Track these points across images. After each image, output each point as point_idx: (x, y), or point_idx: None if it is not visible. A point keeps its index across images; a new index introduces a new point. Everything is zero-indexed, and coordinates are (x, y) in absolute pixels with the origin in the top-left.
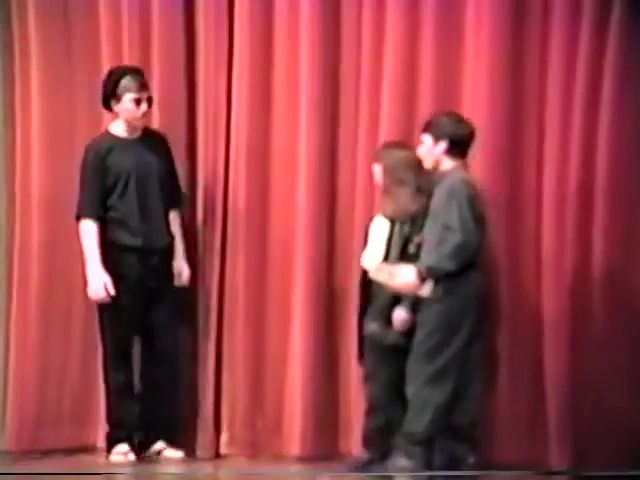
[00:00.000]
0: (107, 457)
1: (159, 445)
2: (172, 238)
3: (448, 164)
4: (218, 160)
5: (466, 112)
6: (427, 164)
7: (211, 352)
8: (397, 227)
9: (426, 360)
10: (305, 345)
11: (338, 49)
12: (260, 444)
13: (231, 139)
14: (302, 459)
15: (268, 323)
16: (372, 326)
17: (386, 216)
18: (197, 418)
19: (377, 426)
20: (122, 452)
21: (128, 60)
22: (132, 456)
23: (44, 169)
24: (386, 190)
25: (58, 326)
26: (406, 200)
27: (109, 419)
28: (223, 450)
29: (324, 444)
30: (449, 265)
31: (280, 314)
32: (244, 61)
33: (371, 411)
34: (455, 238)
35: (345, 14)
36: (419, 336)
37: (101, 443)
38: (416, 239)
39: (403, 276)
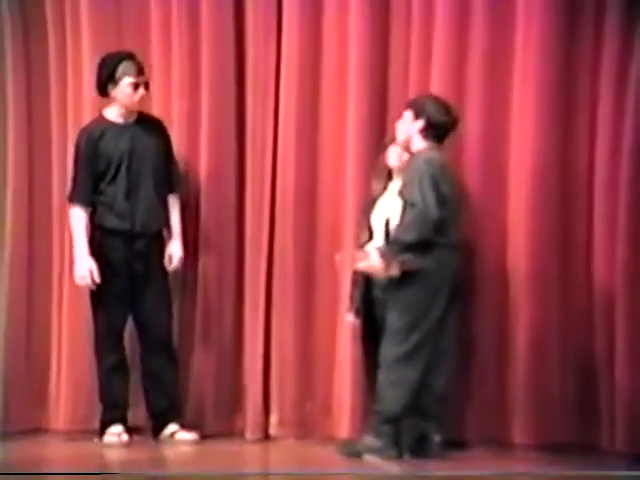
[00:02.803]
0: (100, 439)
1: (171, 428)
2: (165, 224)
3: (420, 144)
4: (266, 140)
5: (514, 116)
6: (399, 138)
7: (260, 334)
8: None
9: (398, 340)
10: (355, 326)
11: (387, 43)
12: (309, 426)
13: (279, 118)
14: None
15: (317, 304)
16: None
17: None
18: (246, 400)
19: None
20: (115, 433)
21: (177, 38)
22: (125, 437)
23: None
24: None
25: None
26: None
27: (102, 400)
28: (272, 432)
29: None
30: (407, 236)
31: (330, 295)
32: (293, 40)
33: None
34: (414, 211)
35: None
36: (391, 317)
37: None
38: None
39: (368, 260)
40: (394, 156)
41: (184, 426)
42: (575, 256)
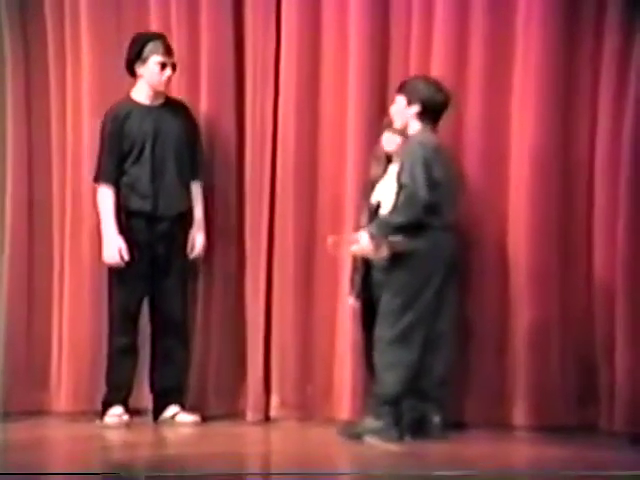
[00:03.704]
0: (102, 420)
1: (172, 409)
2: (188, 207)
3: (416, 126)
4: (266, 129)
5: (515, 106)
6: (397, 124)
7: (261, 316)
8: None
9: (391, 322)
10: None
11: (387, 31)
12: (310, 408)
13: (279, 108)
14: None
15: (317, 287)
16: None
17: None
18: (247, 382)
19: None
20: (116, 414)
21: (176, 29)
22: (126, 417)
23: (95, 137)
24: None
25: None
26: None
27: (107, 381)
28: (273, 414)
29: None
30: (395, 218)
31: (330, 278)
32: (292, 29)
33: None
34: (404, 193)
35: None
36: (384, 299)
37: (151, 406)
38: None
39: (359, 243)
40: (388, 141)
41: (185, 408)
42: (576, 244)
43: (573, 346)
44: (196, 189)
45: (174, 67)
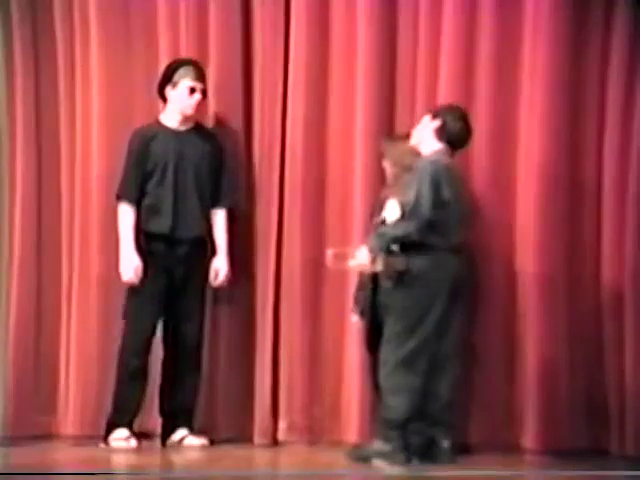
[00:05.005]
0: (105, 441)
1: (180, 433)
2: (207, 232)
3: (433, 146)
4: (274, 144)
5: (522, 121)
6: (414, 139)
7: (268, 339)
8: None
9: (395, 346)
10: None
11: (394, 41)
12: (318, 431)
13: (287, 121)
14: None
15: (325, 309)
16: None
17: (402, 203)
18: (255, 405)
19: None
20: (121, 438)
21: (185, 45)
22: (134, 442)
23: (103, 154)
24: (396, 178)
25: (119, 308)
26: None
27: (114, 402)
28: (281, 437)
29: None
30: (393, 230)
31: (337, 300)
32: (301, 44)
33: None
34: (407, 208)
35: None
36: (389, 322)
37: (159, 429)
38: (379, 218)
39: (357, 257)
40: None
41: (193, 431)
42: (584, 261)
43: (582, 368)
44: (220, 216)
45: (204, 93)
